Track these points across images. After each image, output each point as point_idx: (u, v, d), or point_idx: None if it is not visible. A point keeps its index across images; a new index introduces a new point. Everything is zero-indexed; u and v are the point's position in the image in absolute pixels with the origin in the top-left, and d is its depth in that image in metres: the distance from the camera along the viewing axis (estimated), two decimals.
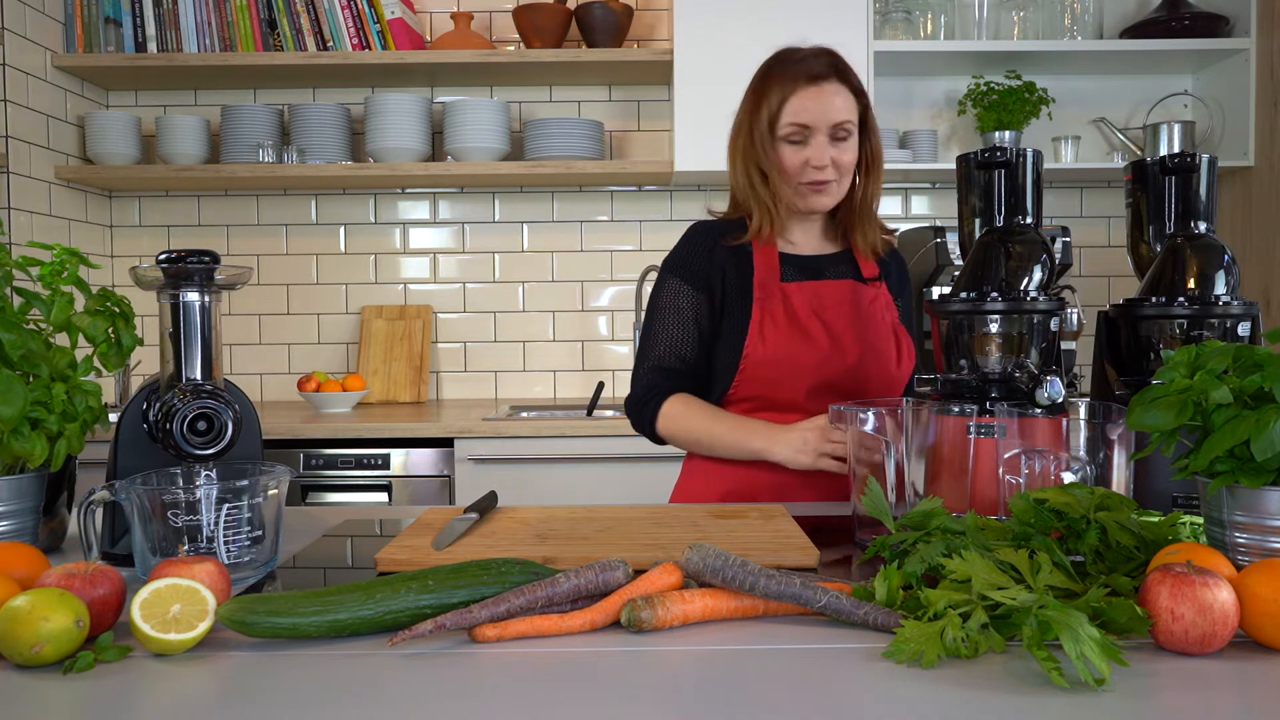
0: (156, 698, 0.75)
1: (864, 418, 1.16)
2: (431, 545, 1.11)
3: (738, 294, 1.59)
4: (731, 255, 1.61)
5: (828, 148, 1.53)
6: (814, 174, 1.54)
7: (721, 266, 1.60)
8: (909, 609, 0.85)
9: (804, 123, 1.52)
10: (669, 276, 1.63)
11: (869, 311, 1.58)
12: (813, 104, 1.52)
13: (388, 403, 3.13)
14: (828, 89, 1.53)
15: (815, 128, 1.52)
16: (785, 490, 1.54)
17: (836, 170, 1.54)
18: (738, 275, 1.60)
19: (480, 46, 3.01)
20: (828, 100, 1.52)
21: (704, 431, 1.56)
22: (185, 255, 1.10)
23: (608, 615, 0.87)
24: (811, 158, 1.53)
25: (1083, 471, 1.09)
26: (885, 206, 3.26)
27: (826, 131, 1.52)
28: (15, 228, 2.72)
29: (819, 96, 1.52)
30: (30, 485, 1.10)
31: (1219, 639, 0.79)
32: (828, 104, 1.52)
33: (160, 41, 2.99)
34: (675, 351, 1.60)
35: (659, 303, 1.63)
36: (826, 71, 1.53)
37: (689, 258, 1.62)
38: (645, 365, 1.63)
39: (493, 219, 3.27)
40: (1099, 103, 3.21)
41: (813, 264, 1.62)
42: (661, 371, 1.61)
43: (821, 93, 1.52)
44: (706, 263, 1.61)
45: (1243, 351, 0.96)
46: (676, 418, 1.58)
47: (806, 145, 1.53)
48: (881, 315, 1.60)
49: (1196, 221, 1.30)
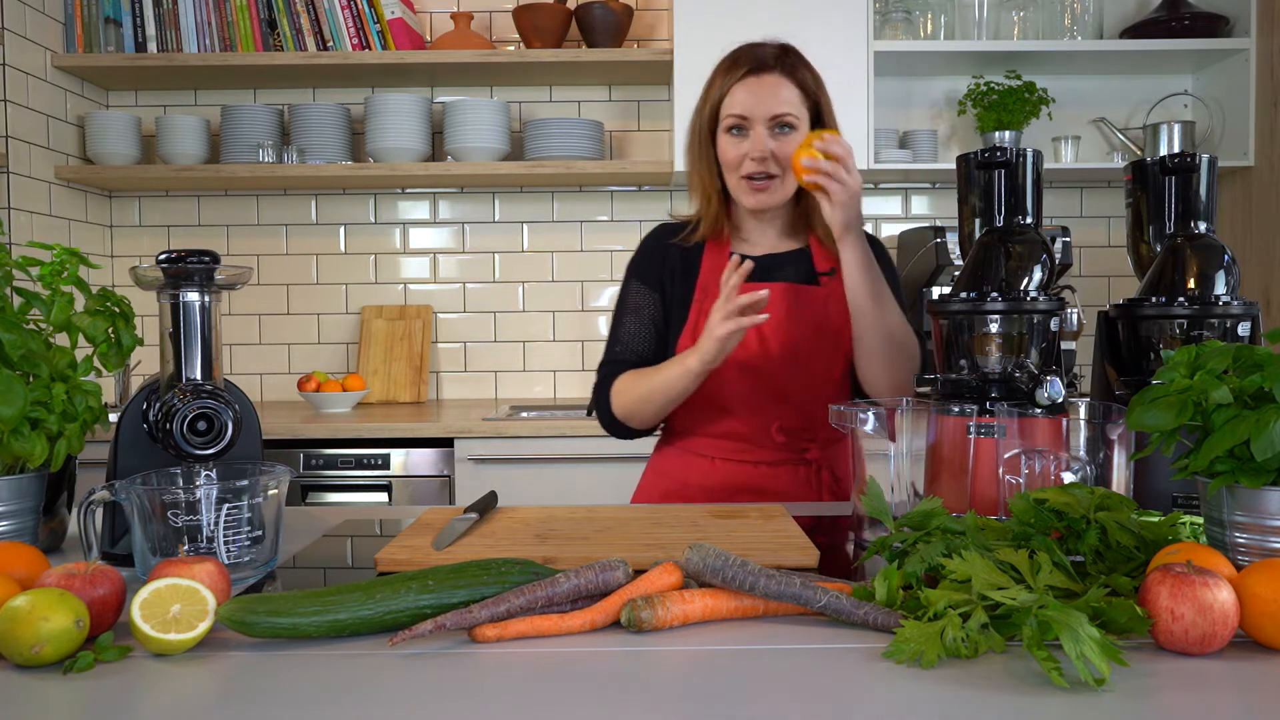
0: (156, 698, 0.75)
1: (864, 418, 1.16)
2: (431, 545, 1.11)
3: (681, 295, 1.61)
4: (683, 256, 1.62)
5: (767, 140, 1.51)
6: (752, 166, 1.52)
7: (672, 267, 1.62)
8: (909, 609, 0.85)
9: (741, 113, 1.51)
10: (629, 279, 1.66)
11: (809, 314, 1.56)
12: (751, 94, 1.51)
13: (388, 403, 3.13)
14: (768, 80, 1.51)
15: (753, 118, 1.51)
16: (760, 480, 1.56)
17: (778, 164, 1.52)
18: (684, 276, 1.61)
19: (480, 46, 3.01)
20: (768, 91, 1.51)
21: (646, 385, 1.53)
22: (185, 255, 1.10)
23: (608, 615, 0.87)
24: (750, 150, 1.51)
25: (1083, 471, 1.09)
26: (885, 206, 3.27)
27: (765, 123, 1.51)
28: (15, 228, 2.72)
29: (758, 87, 1.51)
30: (30, 485, 1.10)
31: (1219, 639, 0.79)
32: (768, 95, 1.51)
33: (160, 41, 2.99)
34: (631, 348, 1.61)
35: (621, 304, 1.66)
36: (770, 64, 1.52)
37: (644, 260, 1.65)
38: (603, 363, 1.64)
39: (493, 219, 3.27)
40: (1099, 103, 3.21)
41: (761, 265, 1.58)
42: (617, 364, 1.61)
43: (761, 84, 1.51)
44: (659, 264, 1.63)
45: (1243, 351, 0.95)
46: (624, 390, 1.57)
47: (745, 137, 1.52)
48: (829, 313, 1.57)
49: (1196, 221, 1.30)
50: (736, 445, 1.58)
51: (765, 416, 1.55)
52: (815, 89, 1.56)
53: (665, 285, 1.62)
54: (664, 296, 1.62)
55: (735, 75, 1.53)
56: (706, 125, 1.56)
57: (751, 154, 1.51)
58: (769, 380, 1.54)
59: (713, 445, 1.59)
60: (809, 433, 1.57)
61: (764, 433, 1.56)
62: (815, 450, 1.57)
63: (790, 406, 1.56)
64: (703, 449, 1.60)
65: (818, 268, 1.60)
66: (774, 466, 1.57)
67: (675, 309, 1.61)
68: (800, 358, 1.54)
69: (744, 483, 1.56)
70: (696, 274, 1.61)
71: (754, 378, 1.54)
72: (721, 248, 1.62)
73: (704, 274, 1.60)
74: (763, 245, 1.63)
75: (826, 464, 1.58)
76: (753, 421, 1.56)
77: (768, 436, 1.56)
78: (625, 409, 1.57)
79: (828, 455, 1.59)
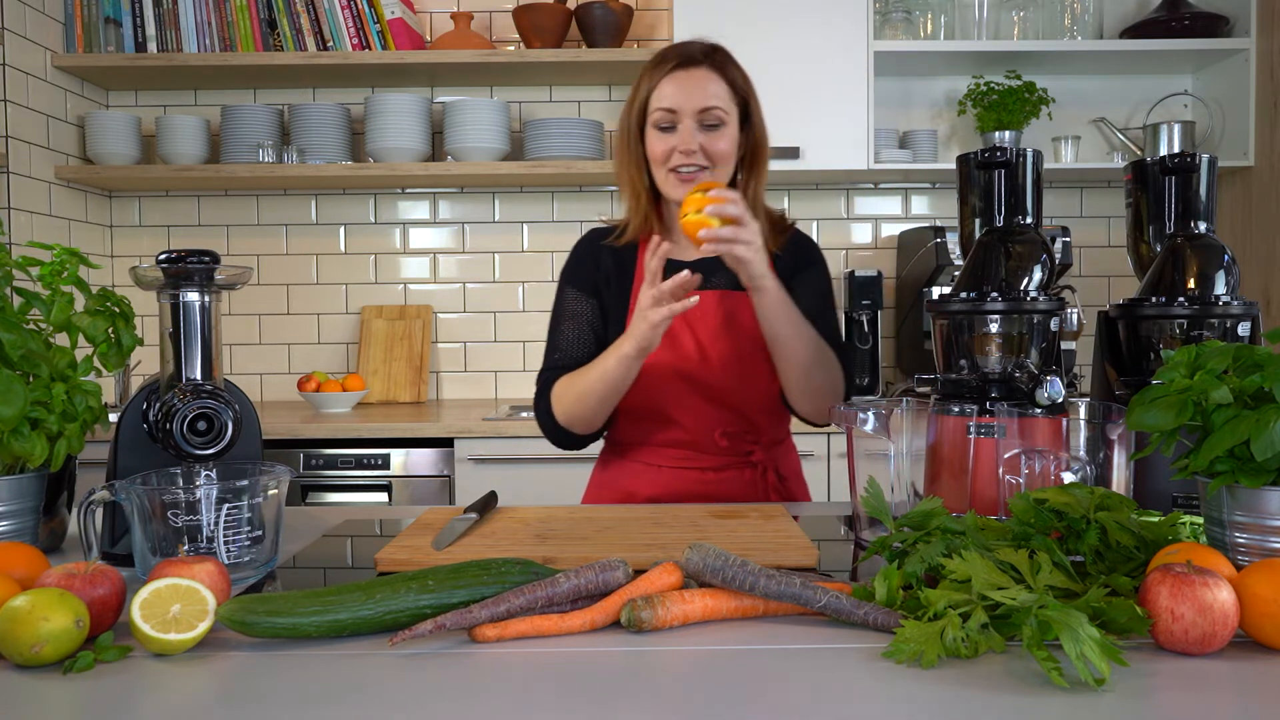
0: (156, 698, 0.75)
1: (864, 418, 1.16)
2: (431, 545, 1.11)
3: (618, 300, 1.58)
4: (616, 260, 1.60)
5: (696, 134, 1.49)
6: (680, 159, 1.49)
7: (606, 271, 1.60)
8: (909, 609, 0.85)
9: (669, 106, 1.49)
10: (564, 286, 1.63)
11: (745, 319, 1.53)
12: (679, 88, 1.49)
13: (388, 403, 3.13)
14: (696, 74, 1.50)
15: (681, 112, 1.49)
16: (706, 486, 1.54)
17: (707, 158, 1.50)
18: (619, 280, 1.59)
19: (480, 46, 3.01)
20: (696, 85, 1.49)
21: (583, 381, 1.49)
22: (185, 255, 1.10)
23: (608, 615, 0.87)
24: (679, 143, 1.49)
25: (1083, 471, 1.09)
26: (885, 206, 3.26)
27: (694, 117, 1.49)
28: (15, 228, 2.72)
29: (686, 81, 1.49)
30: (30, 485, 1.10)
31: (1219, 639, 0.79)
32: (695, 88, 1.49)
33: (160, 41, 2.99)
34: (571, 354, 1.58)
35: (557, 312, 1.63)
36: (698, 59, 1.51)
37: (577, 265, 1.63)
38: (542, 370, 1.61)
39: (493, 219, 3.27)
40: (1099, 103, 3.21)
41: (695, 268, 1.52)
42: (556, 371, 1.58)
43: (690, 77, 1.50)
44: (593, 269, 1.61)
45: (1243, 351, 0.95)
46: (562, 394, 1.53)
47: (674, 131, 1.50)
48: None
49: (1196, 221, 1.30)
50: (681, 453, 1.56)
51: (708, 423, 1.54)
52: (744, 87, 1.54)
53: (601, 289, 1.60)
54: (600, 301, 1.60)
55: (663, 70, 1.51)
56: (635, 122, 1.54)
57: (680, 146, 1.49)
58: (709, 388, 1.53)
59: (657, 454, 1.57)
60: (752, 435, 1.56)
61: (708, 438, 1.54)
62: (760, 452, 1.56)
63: (732, 412, 1.54)
64: (648, 458, 1.58)
65: None
66: (720, 471, 1.56)
67: (613, 312, 1.58)
68: (739, 364, 1.53)
69: (690, 489, 1.54)
70: (632, 275, 1.58)
71: (694, 386, 1.53)
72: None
73: (639, 276, 1.57)
74: (695, 249, 1.55)
75: (771, 464, 1.57)
76: (696, 429, 1.54)
77: (711, 442, 1.54)
78: (565, 411, 1.53)
79: (772, 456, 1.58)
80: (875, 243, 3.27)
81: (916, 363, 2.99)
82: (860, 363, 2.96)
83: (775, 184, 3.21)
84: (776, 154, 2.85)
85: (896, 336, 3.18)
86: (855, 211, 3.26)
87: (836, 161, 2.89)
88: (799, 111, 2.84)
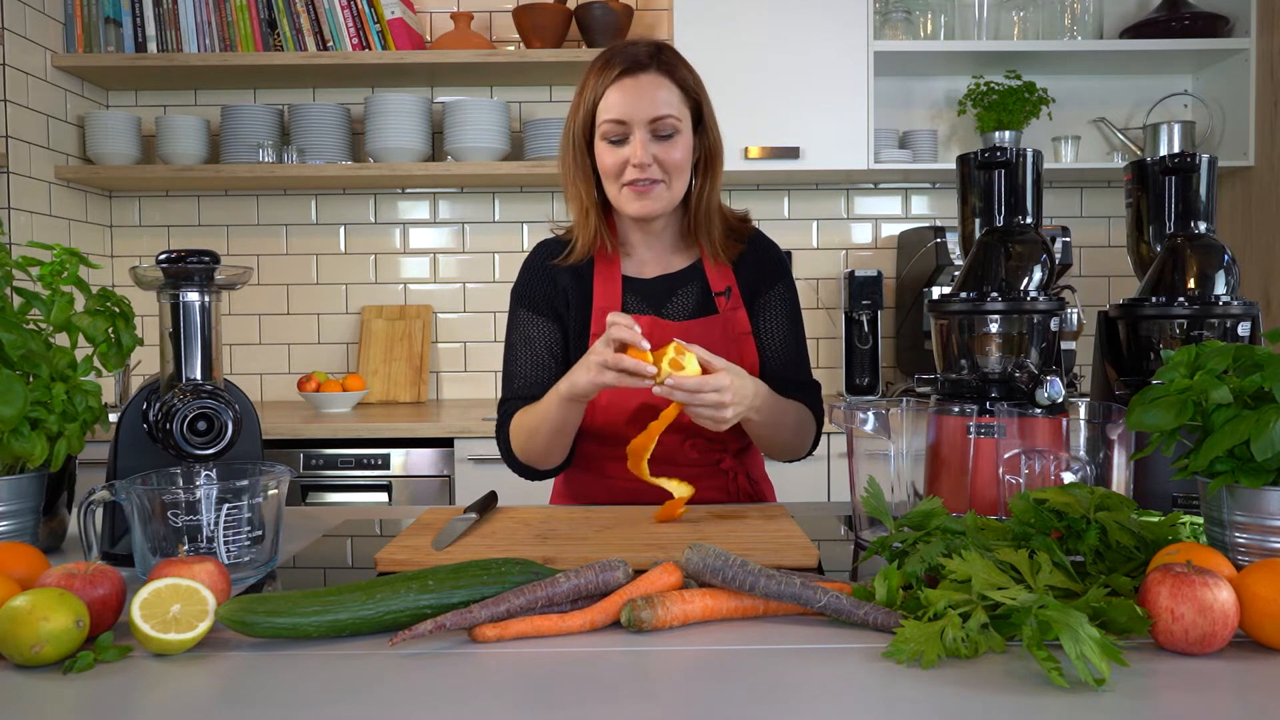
0: (156, 698, 0.75)
1: (864, 418, 1.16)
2: (431, 545, 1.11)
3: (580, 321, 1.50)
4: (574, 276, 1.51)
5: (649, 144, 1.40)
6: (635, 173, 1.40)
7: (564, 289, 1.51)
8: (909, 609, 0.85)
9: (618, 118, 1.40)
10: (516, 307, 1.55)
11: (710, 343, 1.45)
12: (628, 97, 1.39)
13: (388, 403, 3.13)
14: (644, 80, 1.40)
15: (632, 122, 1.39)
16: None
17: (663, 169, 1.42)
18: (580, 299, 1.51)
19: (480, 46, 3.01)
20: (645, 92, 1.39)
21: (531, 419, 1.42)
22: (185, 255, 1.10)
23: (608, 615, 0.87)
24: (631, 156, 1.40)
25: (1083, 471, 1.09)
26: (885, 206, 3.26)
27: (645, 127, 1.40)
28: (15, 228, 2.72)
29: (634, 88, 1.39)
30: (30, 485, 1.10)
31: (1219, 639, 0.79)
32: (645, 97, 1.39)
33: (160, 41, 2.99)
34: (528, 382, 1.50)
35: (511, 336, 1.54)
36: (646, 62, 1.41)
37: (530, 285, 1.54)
38: (501, 401, 1.54)
39: (493, 219, 3.27)
40: (1099, 103, 3.21)
41: (655, 289, 1.51)
42: (516, 402, 1.51)
43: (638, 84, 1.40)
44: (549, 287, 1.52)
45: (1243, 351, 0.95)
46: (517, 430, 1.47)
47: (625, 143, 1.41)
48: (729, 335, 1.50)
49: (1196, 221, 1.30)
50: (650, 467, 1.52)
51: (675, 439, 1.48)
52: (695, 87, 1.45)
53: (560, 312, 1.52)
54: (561, 324, 1.52)
55: (609, 76, 1.41)
56: (581, 133, 1.45)
57: (634, 159, 1.40)
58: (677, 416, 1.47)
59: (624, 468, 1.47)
60: (721, 445, 1.52)
61: (677, 452, 1.49)
62: (729, 459, 1.53)
63: (699, 434, 1.48)
64: (615, 472, 1.50)
65: (712, 286, 1.51)
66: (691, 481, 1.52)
67: (575, 337, 1.50)
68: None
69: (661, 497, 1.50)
70: (591, 297, 1.50)
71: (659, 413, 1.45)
72: (613, 265, 1.51)
73: (598, 298, 1.50)
74: (652, 263, 1.53)
75: (741, 470, 1.54)
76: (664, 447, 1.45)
77: (681, 453, 1.49)
78: (520, 447, 1.47)
79: (741, 462, 1.55)
80: (875, 243, 3.27)
81: (916, 363, 2.99)
82: (860, 363, 2.96)
83: (775, 184, 3.22)
84: (777, 154, 2.85)
85: (896, 336, 3.18)
86: (855, 211, 3.26)
87: (836, 161, 2.89)
88: (799, 111, 2.84)
